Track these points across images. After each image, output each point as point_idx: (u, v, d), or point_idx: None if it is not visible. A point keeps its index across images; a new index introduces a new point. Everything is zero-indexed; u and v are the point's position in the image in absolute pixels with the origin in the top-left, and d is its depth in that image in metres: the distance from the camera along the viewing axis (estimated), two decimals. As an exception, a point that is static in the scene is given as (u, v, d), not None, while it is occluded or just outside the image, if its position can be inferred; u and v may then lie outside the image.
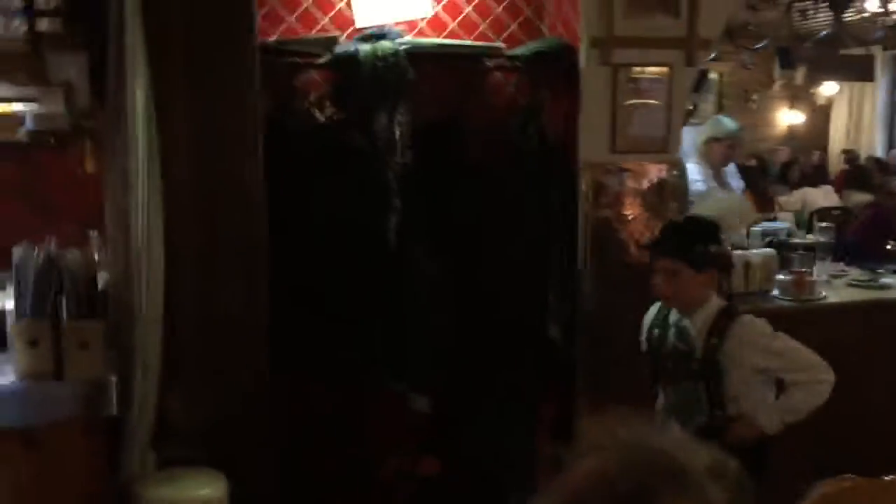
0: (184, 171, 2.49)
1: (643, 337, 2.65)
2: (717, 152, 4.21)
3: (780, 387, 2.44)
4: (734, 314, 2.45)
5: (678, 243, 2.46)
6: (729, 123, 4.36)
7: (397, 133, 2.88)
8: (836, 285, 3.61)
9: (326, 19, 3.06)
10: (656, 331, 2.57)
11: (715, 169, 4.22)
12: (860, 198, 7.27)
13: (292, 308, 2.79)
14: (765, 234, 3.71)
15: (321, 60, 2.91)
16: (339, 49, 2.91)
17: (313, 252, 2.87)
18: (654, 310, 2.63)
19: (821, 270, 3.60)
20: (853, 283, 3.64)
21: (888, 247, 4.38)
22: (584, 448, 0.82)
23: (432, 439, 3.12)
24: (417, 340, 2.93)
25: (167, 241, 2.40)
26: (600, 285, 3.09)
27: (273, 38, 2.94)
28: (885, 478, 1.93)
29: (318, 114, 3.01)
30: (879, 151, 10.37)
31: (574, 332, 3.12)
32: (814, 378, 2.36)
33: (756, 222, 3.86)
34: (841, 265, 3.87)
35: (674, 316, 2.52)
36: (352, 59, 2.83)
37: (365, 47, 2.83)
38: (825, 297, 3.35)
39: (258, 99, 2.60)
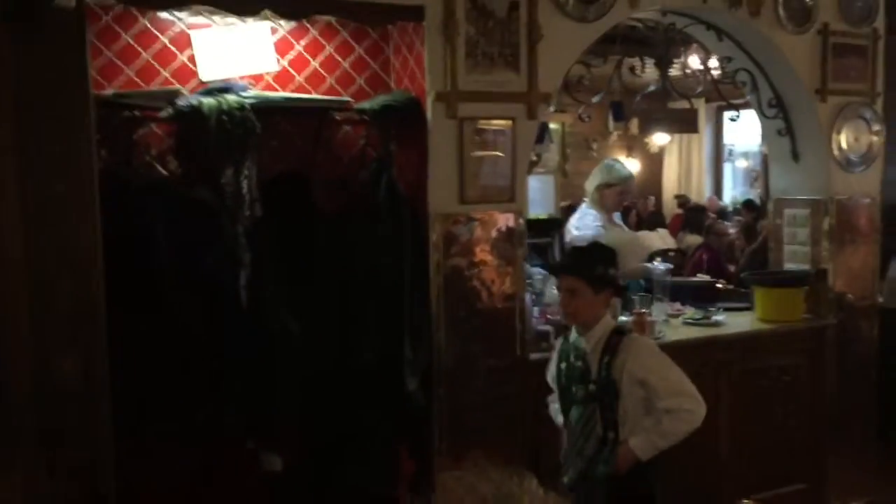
0: (16, 241, 2.32)
1: (551, 376, 2.80)
2: (610, 197, 4.41)
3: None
4: (624, 332, 2.67)
5: (581, 264, 2.67)
6: (621, 169, 4.54)
7: (245, 187, 2.81)
8: (673, 324, 3.81)
9: (167, 73, 2.98)
10: (563, 364, 2.72)
11: (608, 213, 4.41)
12: (693, 240, 7.77)
13: (142, 370, 2.65)
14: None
15: (163, 114, 2.82)
16: (181, 102, 2.83)
17: (162, 311, 2.74)
18: (556, 351, 2.80)
19: (659, 311, 3.80)
20: (689, 321, 3.86)
21: (719, 286, 4.70)
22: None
23: (287, 499, 3.02)
24: (271, 397, 2.84)
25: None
26: (454, 334, 3.12)
27: (110, 90, 2.83)
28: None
29: (160, 168, 2.91)
30: (707, 195, 11.18)
31: (431, 384, 3.13)
32: (684, 406, 2.52)
33: (644, 260, 4.07)
34: (677, 305, 4.10)
35: (573, 337, 2.69)
36: (196, 112, 2.75)
37: (209, 100, 2.77)
38: (663, 336, 3.53)
39: (94, 156, 2.47)
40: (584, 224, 4.38)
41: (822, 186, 3.86)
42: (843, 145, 3.81)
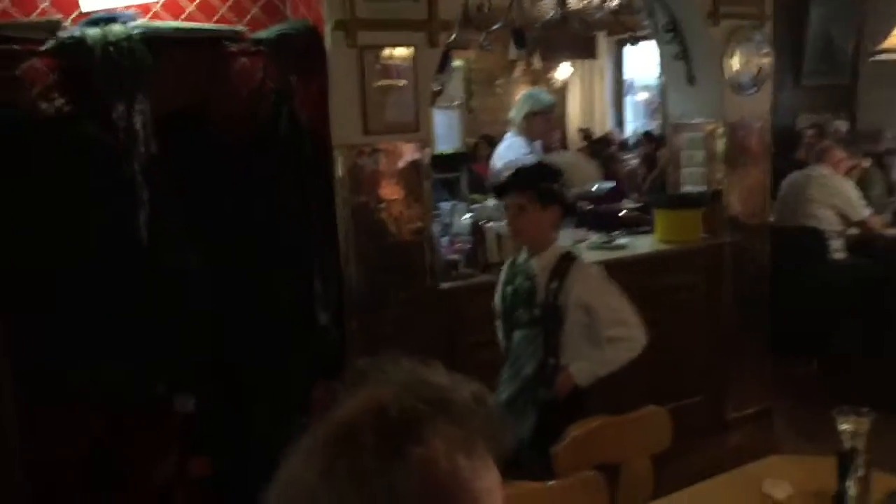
0: None
1: (497, 300, 2.74)
2: (537, 125, 4.42)
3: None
4: (574, 257, 2.60)
5: (526, 180, 2.60)
6: (545, 97, 4.55)
7: (138, 123, 2.70)
8: (579, 249, 3.90)
9: (46, 2, 2.81)
10: (508, 287, 2.68)
11: (536, 141, 4.45)
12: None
13: (36, 321, 2.55)
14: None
15: (44, 47, 2.66)
16: (63, 34, 2.68)
17: (57, 257, 2.64)
18: (503, 273, 2.75)
19: (566, 236, 3.88)
20: (594, 246, 3.97)
21: (621, 213, 4.83)
22: (355, 382, 0.84)
23: (202, 440, 2.99)
24: (178, 338, 2.79)
25: None
26: (364, 267, 3.12)
27: (-16, 22, 2.66)
28: (627, 415, 2.14)
29: (45, 105, 2.76)
30: (610, 128, 11.40)
31: (342, 317, 3.13)
32: (628, 335, 2.53)
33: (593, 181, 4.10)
34: (583, 230, 4.20)
35: (521, 258, 2.65)
36: (80, 44, 2.61)
37: (94, 31, 2.63)
38: (570, 259, 3.62)
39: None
40: (513, 152, 4.39)
41: (716, 110, 3.98)
42: (735, 68, 3.93)
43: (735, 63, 3.92)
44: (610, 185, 4.21)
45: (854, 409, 1.60)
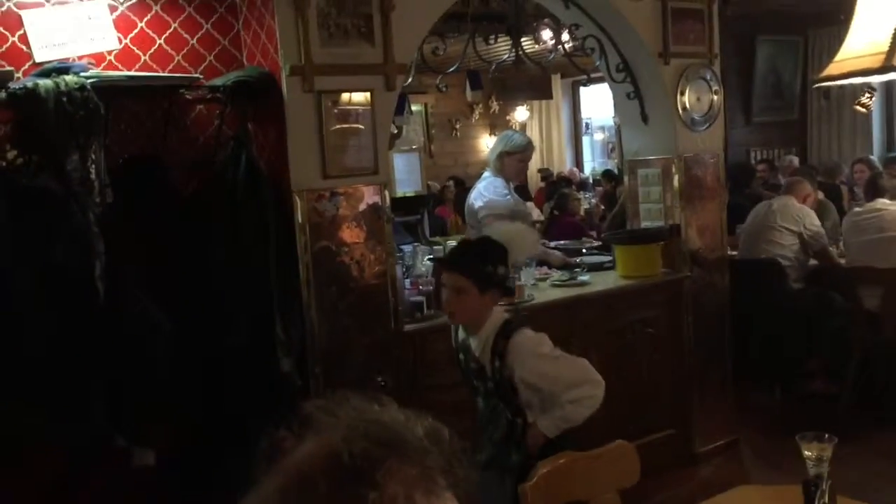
0: None
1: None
2: (510, 165, 4.42)
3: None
4: (510, 333, 2.45)
5: (469, 262, 2.48)
6: (517, 138, 4.58)
7: (93, 172, 2.67)
8: (541, 287, 3.93)
9: (-3, 54, 2.79)
10: (461, 356, 2.60)
11: (507, 181, 4.45)
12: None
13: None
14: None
15: (-5, 99, 2.63)
16: (15, 86, 2.65)
17: (11, 310, 2.57)
18: (453, 337, 2.66)
19: (528, 275, 3.91)
20: (556, 283, 3.98)
21: (583, 250, 4.88)
22: (303, 425, 0.81)
23: (164, 493, 2.91)
24: (138, 391, 2.73)
25: None
26: (327, 312, 3.09)
27: (-68, 75, 2.62)
28: (595, 450, 2.13)
29: (-3, 158, 2.72)
30: (568, 167, 11.56)
31: (306, 363, 3.09)
32: (585, 394, 2.42)
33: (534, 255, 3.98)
34: (545, 268, 4.22)
35: (461, 335, 2.57)
36: (32, 94, 2.58)
37: (45, 82, 2.61)
38: (533, 298, 3.63)
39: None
40: (494, 192, 4.38)
41: (670, 146, 4.06)
42: (687, 105, 4.02)
43: (687, 100, 4.01)
44: (560, 256, 4.31)
45: (817, 436, 1.60)
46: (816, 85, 2.31)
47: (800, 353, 4.86)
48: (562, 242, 5.07)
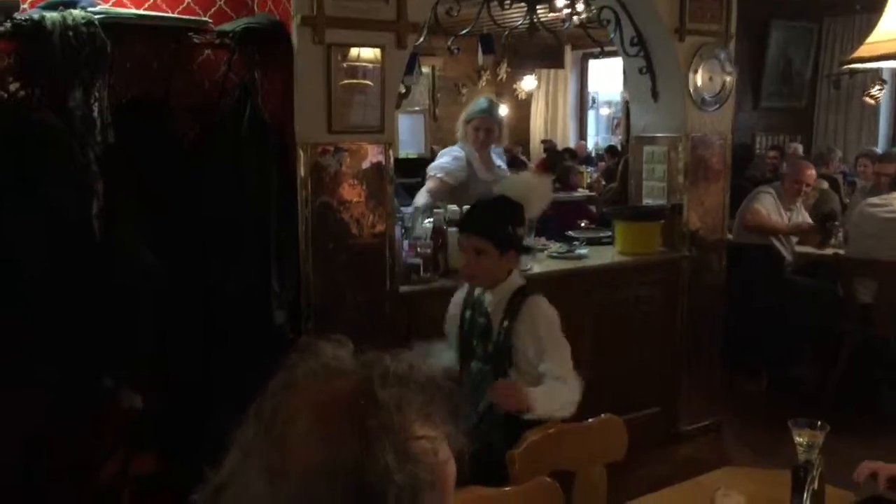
0: None
1: (450, 323, 2.64)
2: (470, 134, 4.19)
3: None
4: (527, 294, 2.47)
5: (486, 223, 2.48)
6: (479, 103, 4.28)
7: (96, 110, 2.63)
8: (539, 258, 3.91)
9: (4, -16, 2.72)
10: (468, 312, 2.58)
11: (477, 150, 4.17)
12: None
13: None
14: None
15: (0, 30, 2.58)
16: (20, 17, 2.60)
17: (2, 245, 2.55)
18: (462, 292, 2.65)
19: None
20: (553, 255, 3.97)
21: (582, 224, 4.86)
22: (303, 350, 0.89)
23: (148, 437, 2.93)
24: (129, 334, 2.72)
25: None
26: (323, 268, 3.08)
27: (-63, 0, 2.56)
28: (584, 422, 2.13)
29: (-1, 90, 2.68)
30: (572, 141, 11.51)
31: (300, 318, 3.08)
32: (566, 399, 2.35)
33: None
34: (542, 239, 4.21)
35: (477, 291, 2.57)
36: (37, 27, 2.54)
37: (52, 15, 2.56)
38: (531, 268, 3.62)
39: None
40: (440, 160, 4.25)
41: (679, 124, 4.02)
42: (699, 84, 3.98)
43: (699, 79, 3.97)
44: (581, 194, 4.17)
45: (809, 423, 1.61)
46: (845, 66, 2.30)
47: (789, 342, 4.89)
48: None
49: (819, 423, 1.60)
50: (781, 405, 4.38)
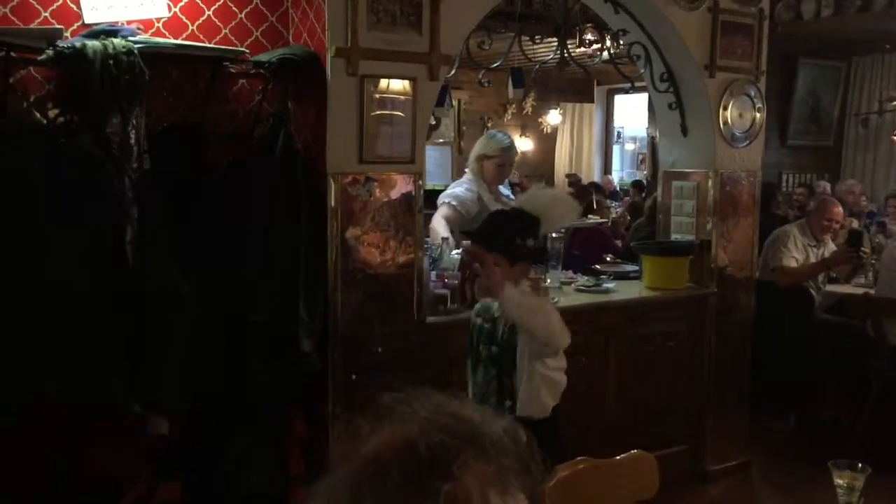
0: None
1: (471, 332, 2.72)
2: (488, 169, 4.17)
3: None
4: None
5: (500, 236, 2.54)
6: (501, 140, 4.29)
7: (133, 137, 2.68)
8: (566, 291, 3.90)
9: (48, 13, 2.79)
10: (478, 318, 2.67)
11: (489, 185, 4.19)
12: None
13: (14, 333, 2.48)
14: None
15: (42, 57, 2.64)
16: (63, 44, 2.65)
17: (39, 270, 2.58)
18: (478, 303, 2.73)
19: (553, 278, 3.88)
20: (581, 288, 3.95)
21: (607, 258, 4.84)
22: (379, 416, 0.81)
23: (173, 465, 2.92)
24: (158, 359, 2.73)
25: None
26: (351, 297, 3.08)
27: (-18, 28, 2.63)
28: (616, 458, 2.10)
29: (38, 115, 2.73)
30: (596, 175, 11.50)
31: (326, 347, 3.08)
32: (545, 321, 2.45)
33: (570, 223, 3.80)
34: (570, 272, 4.19)
35: (489, 300, 2.63)
36: (79, 55, 2.59)
37: (94, 43, 2.61)
38: (557, 301, 3.60)
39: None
40: (455, 189, 4.22)
41: (708, 160, 4.01)
42: (729, 120, 3.97)
43: (729, 115, 3.96)
44: (593, 221, 4.14)
45: (850, 464, 1.57)
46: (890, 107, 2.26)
47: (817, 382, 4.81)
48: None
49: (860, 464, 1.57)
50: (810, 446, 4.30)
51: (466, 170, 4.38)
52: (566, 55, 3.78)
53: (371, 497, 0.74)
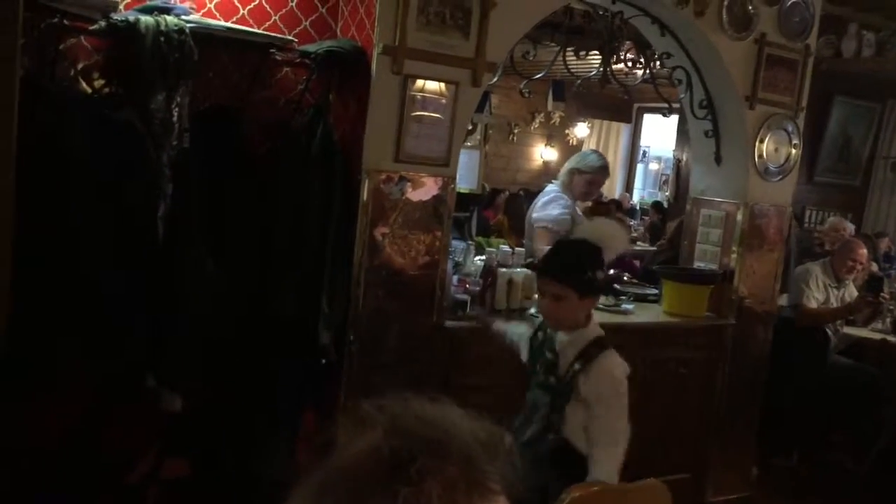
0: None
1: (525, 339, 2.67)
2: (578, 184, 4.33)
3: None
4: (605, 346, 2.46)
5: (568, 268, 2.46)
6: (595, 159, 4.43)
7: (175, 115, 2.69)
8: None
9: (104, -16, 2.80)
10: (540, 333, 2.59)
11: (574, 199, 4.33)
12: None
13: (35, 300, 2.50)
14: (528, 255, 3.91)
15: (95, 27, 2.65)
16: (116, 17, 2.67)
17: (69, 237, 2.59)
18: (536, 321, 2.69)
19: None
20: (599, 307, 3.93)
21: (625, 277, 4.82)
22: (352, 422, 0.81)
23: (183, 441, 2.93)
24: (179, 336, 2.74)
25: None
26: (373, 294, 3.09)
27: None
28: (630, 484, 2.10)
29: (85, 84, 2.74)
30: (617, 192, 11.48)
31: (344, 340, 3.09)
32: (604, 471, 2.33)
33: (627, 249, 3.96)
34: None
35: (550, 328, 2.55)
36: (131, 28, 2.60)
37: (147, 19, 2.62)
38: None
39: (17, 60, 2.31)
40: (551, 210, 4.29)
41: (740, 191, 4.00)
42: (764, 153, 3.96)
43: (765, 149, 3.95)
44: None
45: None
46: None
47: (825, 423, 4.78)
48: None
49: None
50: (812, 486, 4.29)
51: (554, 181, 4.46)
52: (609, 72, 3.77)
53: (332, 500, 0.75)
